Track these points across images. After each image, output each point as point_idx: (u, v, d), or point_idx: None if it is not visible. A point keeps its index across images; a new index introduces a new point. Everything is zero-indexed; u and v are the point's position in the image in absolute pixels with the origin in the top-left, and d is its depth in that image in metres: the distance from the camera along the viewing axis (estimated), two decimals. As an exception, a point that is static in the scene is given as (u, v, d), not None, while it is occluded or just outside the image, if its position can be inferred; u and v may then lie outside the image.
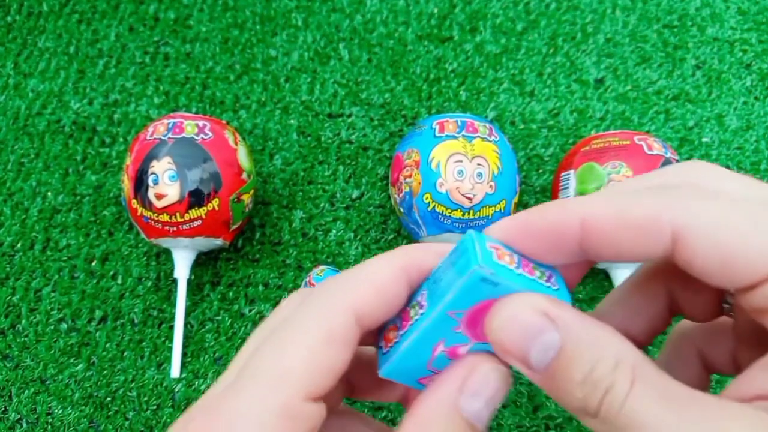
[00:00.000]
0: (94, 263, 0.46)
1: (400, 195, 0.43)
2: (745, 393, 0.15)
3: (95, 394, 0.42)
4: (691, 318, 0.19)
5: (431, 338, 0.17)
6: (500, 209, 0.41)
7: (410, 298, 0.18)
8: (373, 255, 0.46)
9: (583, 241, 0.16)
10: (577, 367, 0.16)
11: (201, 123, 0.42)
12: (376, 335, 0.19)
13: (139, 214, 0.41)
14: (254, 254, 0.47)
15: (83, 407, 0.41)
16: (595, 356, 0.16)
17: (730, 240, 0.15)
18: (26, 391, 0.42)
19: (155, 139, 0.41)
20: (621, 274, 0.41)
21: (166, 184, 0.40)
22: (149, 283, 0.45)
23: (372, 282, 0.18)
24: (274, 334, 0.17)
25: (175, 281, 0.45)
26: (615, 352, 0.16)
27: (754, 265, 0.15)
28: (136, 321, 0.44)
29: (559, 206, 0.17)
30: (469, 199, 0.40)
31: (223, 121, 0.44)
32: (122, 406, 0.41)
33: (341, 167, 0.50)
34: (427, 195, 0.41)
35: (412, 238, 0.47)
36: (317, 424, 0.17)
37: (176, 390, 0.42)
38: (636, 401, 0.15)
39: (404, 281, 0.18)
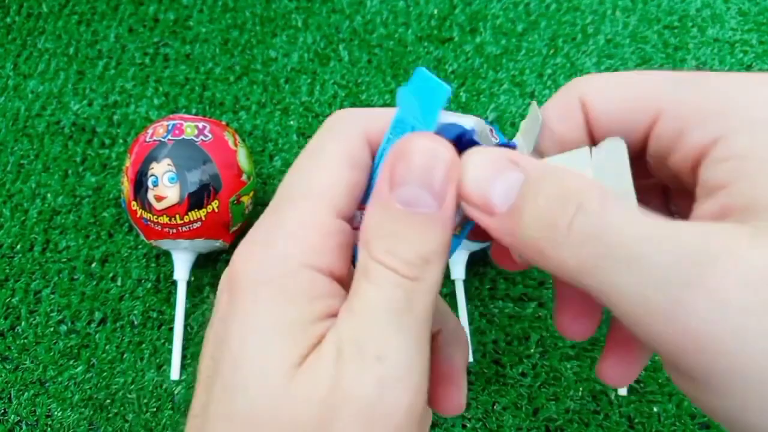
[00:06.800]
0: (93, 265, 0.46)
1: (400, 197, 0.42)
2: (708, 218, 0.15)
3: (95, 396, 0.42)
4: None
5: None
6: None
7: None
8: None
9: None
10: (541, 192, 0.15)
11: (201, 124, 0.42)
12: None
13: (138, 215, 0.41)
14: (254, 256, 0.46)
15: (83, 409, 0.41)
16: (560, 182, 0.15)
17: (622, 90, 0.18)
18: (26, 393, 0.42)
19: (155, 140, 0.41)
20: None
21: (166, 186, 0.40)
22: (149, 285, 0.45)
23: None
24: (303, 161, 0.19)
25: (174, 283, 0.45)
26: (581, 181, 0.15)
27: (643, 110, 0.17)
28: (135, 323, 0.44)
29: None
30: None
31: (223, 123, 0.44)
32: (122, 408, 0.41)
33: (341, 168, 0.50)
34: (427, 197, 0.40)
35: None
36: (346, 240, 0.18)
37: (176, 392, 0.42)
38: (612, 216, 0.14)
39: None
